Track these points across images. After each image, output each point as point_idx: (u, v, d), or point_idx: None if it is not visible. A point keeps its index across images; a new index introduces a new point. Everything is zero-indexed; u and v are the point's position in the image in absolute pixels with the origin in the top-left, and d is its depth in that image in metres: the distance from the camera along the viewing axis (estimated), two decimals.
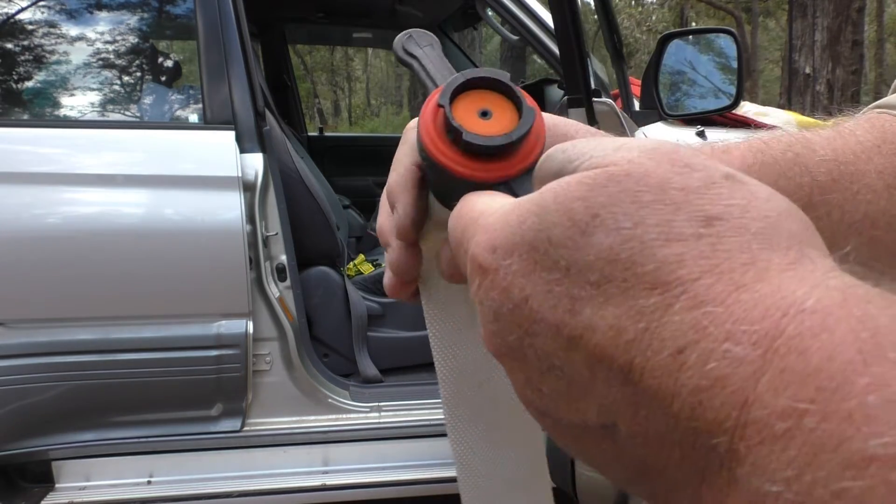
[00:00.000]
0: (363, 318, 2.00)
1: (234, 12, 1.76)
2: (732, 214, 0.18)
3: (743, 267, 0.17)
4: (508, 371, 0.21)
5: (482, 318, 0.22)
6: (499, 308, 0.20)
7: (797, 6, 6.87)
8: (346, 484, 1.74)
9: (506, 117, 0.26)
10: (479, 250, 0.21)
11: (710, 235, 0.17)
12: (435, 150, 0.26)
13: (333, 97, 24.76)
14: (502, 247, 0.20)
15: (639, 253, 0.18)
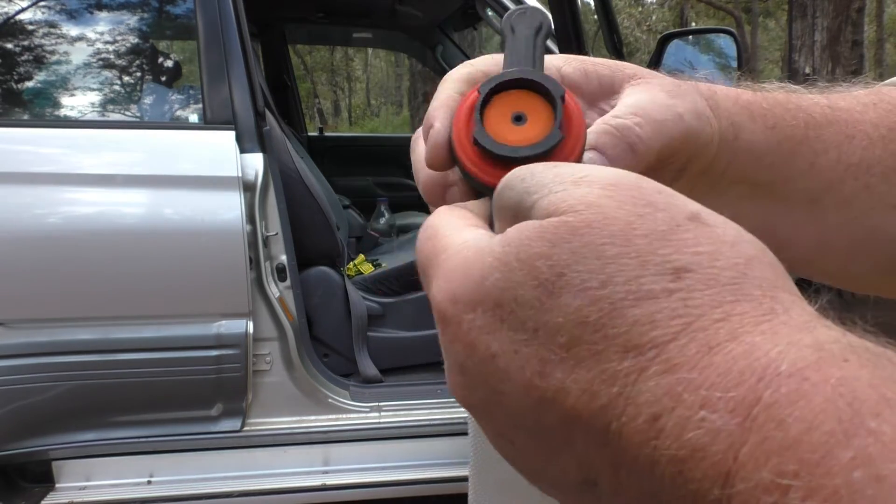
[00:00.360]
0: (363, 318, 2.00)
1: (234, 12, 1.76)
2: (701, 265, 0.17)
3: (716, 325, 0.16)
4: (478, 421, 0.21)
5: (447, 367, 0.21)
6: (464, 361, 0.20)
7: (797, 6, 6.87)
8: (346, 484, 1.74)
9: (538, 126, 0.25)
10: (440, 298, 0.20)
11: (681, 290, 0.17)
12: (459, 147, 0.25)
13: (333, 97, 24.76)
14: (463, 300, 0.20)
15: (608, 314, 0.17)
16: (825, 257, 0.35)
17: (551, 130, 0.24)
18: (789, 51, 7.07)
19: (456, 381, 0.21)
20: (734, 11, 16.14)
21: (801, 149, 0.31)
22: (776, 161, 0.31)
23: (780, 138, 0.31)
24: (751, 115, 0.31)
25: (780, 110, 0.32)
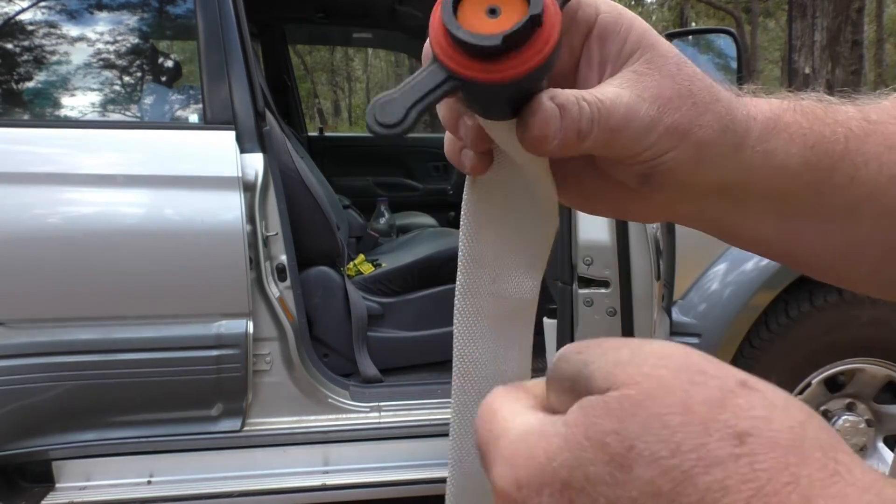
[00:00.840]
0: (363, 318, 2.00)
1: (234, 12, 1.76)
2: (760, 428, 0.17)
3: (786, 488, 0.17)
4: None
5: None
6: None
7: (797, 6, 6.87)
8: (346, 484, 1.74)
9: (512, 18, 0.24)
10: (504, 484, 0.20)
11: (746, 455, 0.17)
12: (436, 43, 0.25)
13: (333, 97, 24.76)
14: (529, 485, 0.20)
15: (681, 483, 0.17)
16: (855, 265, 0.35)
17: (522, 19, 0.24)
18: (789, 51, 7.06)
19: None
20: (734, 11, 16.13)
21: (841, 164, 0.32)
22: (812, 179, 0.31)
23: (820, 156, 0.31)
24: (790, 137, 0.31)
25: (820, 126, 0.31)
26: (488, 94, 0.25)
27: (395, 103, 0.24)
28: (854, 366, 1.89)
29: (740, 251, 1.85)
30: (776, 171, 0.31)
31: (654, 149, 0.28)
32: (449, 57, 0.25)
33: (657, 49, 0.29)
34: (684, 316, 1.87)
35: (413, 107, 0.24)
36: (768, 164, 0.31)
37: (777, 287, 1.82)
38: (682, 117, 0.28)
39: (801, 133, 0.31)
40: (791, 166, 0.31)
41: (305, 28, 3.50)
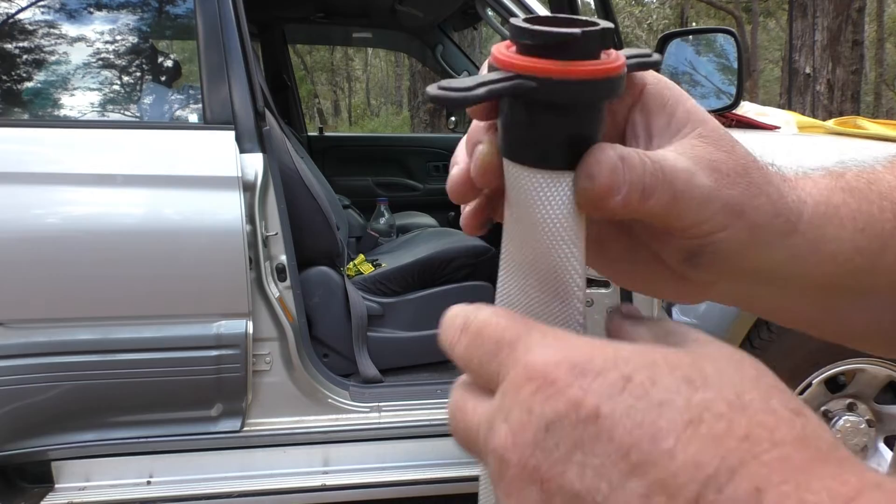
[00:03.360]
0: (363, 318, 2.00)
1: (234, 12, 1.76)
2: None
3: None
4: (514, 488, 0.20)
5: (513, 427, 0.20)
6: (557, 419, 0.20)
7: (797, 6, 6.87)
8: (346, 484, 1.74)
9: None
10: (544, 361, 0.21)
11: None
12: (499, 54, 0.24)
13: (333, 97, 24.76)
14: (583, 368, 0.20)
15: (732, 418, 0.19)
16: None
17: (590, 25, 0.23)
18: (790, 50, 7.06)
19: (526, 440, 0.20)
20: (734, 11, 16.13)
21: (892, 242, 0.30)
22: (864, 264, 0.30)
23: (871, 238, 0.30)
24: (840, 222, 0.30)
25: (867, 206, 0.30)
26: (556, 109, 0.23)
27: (461, 81, 0.22)
28: (854, 366, 1.88)
29: None
30: (826, 257, 0.30)
31: (711, 223, 0.27)
32: (519, 60, 0.23)
33: (708, 124, 0.28)
34: (684, 316, 1.87)
35: (482, 85, 0.22)
36: (819, 251, 0.29)
37: None
38: (739, 195, 0.27)
39: (850, 216, 0.30)
40: (843, 252, 0.30)
41: (305, 28, 3.50)
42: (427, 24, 3.08)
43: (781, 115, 2.55)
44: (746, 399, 0.19)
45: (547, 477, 0.19)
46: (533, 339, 0.22)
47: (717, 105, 1.90)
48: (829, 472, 0.17)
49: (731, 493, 0.17)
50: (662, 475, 0.18)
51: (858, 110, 7.44)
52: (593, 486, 0.19)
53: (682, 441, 0.18)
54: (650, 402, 0.19)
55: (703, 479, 0.18)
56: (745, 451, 0.18)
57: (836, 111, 6.52)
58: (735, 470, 0.17)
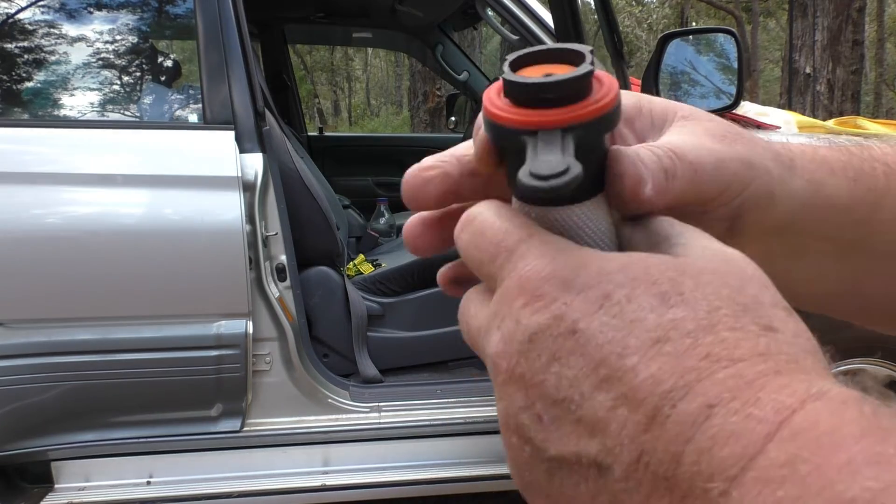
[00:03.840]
0: (363, 318, 2.00)
1: (234, 12, 1.76)
2: None
3: None
4: (505, 392, 0.22)
5: (504, 335, 0.22)
6: (540, 331, 0.21)
7: (797, 6, 6.87)
8: (346, 484, 1.74)
9: None
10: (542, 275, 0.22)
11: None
12: (488, 103, 0.24)
13: (333, 97, 24.77)
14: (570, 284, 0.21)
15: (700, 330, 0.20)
16: None
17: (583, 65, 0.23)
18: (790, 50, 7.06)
19: (511, 349, 0.21)
20: (734, 11, 16.12)
21: (885, 201, 0.31)
22: (861, 216, 0.31)
23: (864, 190, 0.31)
24: (831, 170, 0.31)
25: (857, 161, 0.31)
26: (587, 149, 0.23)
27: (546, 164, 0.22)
28: (854, 366, 1.88)
29: None
30: (828, 205, 0.31)
31: (735, 183, 0.28)
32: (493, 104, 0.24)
33: (685, 107, 0.29)
34: None
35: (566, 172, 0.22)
36: (820, 197, 0.30)
37: None
38: (742, 148, 0.28)
39: (841, 167, 0.31)
40: (841, 199, 0.31)
41: (305, 28, 3.50)
42: (427, 24, 3.08)
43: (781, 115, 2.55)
44: (716, 317, 0.20)
45: (530, 384, 0.21)
46: (529, 248, 0.23)
47: (717, 105, 1.90)
48: (779, 384, 0.18)
49: (684, 408, 0.18)
50: (625, 389, 0.19)
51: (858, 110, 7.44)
52: (568, 396, 0.20)
53: (646, 359, 0.19)
54: (623, 319, 0.20)
55: (660, 393, 0.19)
56: (703, 370, 0.19)
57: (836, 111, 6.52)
58: (690, 387, 0.19)
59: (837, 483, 0.15)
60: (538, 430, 0.21)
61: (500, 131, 0.24)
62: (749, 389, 0.18)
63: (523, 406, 0.21)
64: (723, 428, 0.18)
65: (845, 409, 0.17)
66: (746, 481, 0.17)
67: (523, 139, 0.23)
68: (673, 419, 0.18)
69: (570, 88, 0.23)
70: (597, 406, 0.20)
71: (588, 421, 0.20)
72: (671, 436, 0.18)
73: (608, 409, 0.19)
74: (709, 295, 0.21)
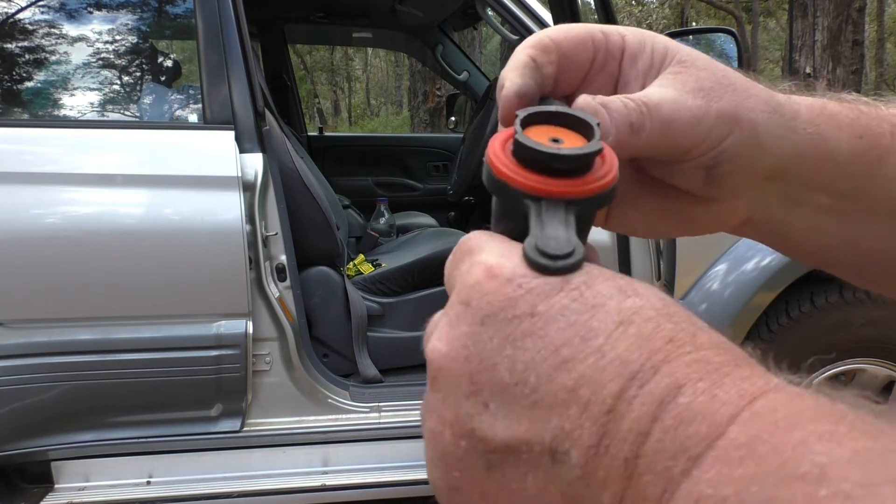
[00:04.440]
0: (363, 318, 2.00)
1: (234, 12, 1.76)
2: None
3: None
4: (444, 381, 0.21)
5: (451, 320, 0.22)
6: (492, 313, 0.21)
7: (798, 6, 6.87)
8: (346, 484, 1.74)
9: (576, 145, 0.25)
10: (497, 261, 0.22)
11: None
12: (494, 157, 0.25)
13: (333, 97, 24.77)
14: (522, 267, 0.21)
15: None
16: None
17: (592, 141, 0.24)
18: (790, 50, 7.06)
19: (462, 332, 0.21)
20: (735, 11, 16.12)
21: (889, 157, 0.32)
22: (861, 169, 0.32)
23: (867, 147, 0.31)
24: (837, 125, 0.31)
25: (866, 119, 0.32)
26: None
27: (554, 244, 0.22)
28: (855, 366, 1.88)
29: (741, 251, 1.85)
30: (827, 157, 0.31)
31: (711, 137, 0.29)
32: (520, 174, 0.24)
33: (683, 51, 0.30)
34: None
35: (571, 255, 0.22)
36: (820, 149, 0.31)
37: (778, 287, 1.82)
38: (727, 102, 0.29)
39: (848, 122, 0.31)
40: (842, 153, 0.31)
41: (305, 28, 3.50)
42: (427, 23, 3.08)
43: None
44: (672, 310, 0.21)
45: (478, 368, 0.20)
46: (490, 245, 0.23)
47: None
48: (742, 374, 0.19)
49: (653, 387, 0.18)
50: (590, 371, 0.19)
51: None
52: (521, 380, 0.20)
53: (612, 340, 0.19)
54: (584, 303, 0.20)
55: (627, 374, 0.19)
56: (670, 352, 0.19)
57: None
58: (658, 368, 0.19)
59: (790, 460, 0.16)
60: (483, 419, 0.20)
61: (505, 189, 0.24)
62: (715, 373, 0.19)
63: (467, 393, 0.20)
64: (689, 407, 0.18)
65: (802, 398, 0.18)
66: (707, 460, 0.17)
67: (527, 203, 0.23)
68: (640, 399, 0.18)
69: (580, 162, 0.24)
70: (556, 388, 0.19)
71: (545, 404, 0.19)
72: (637, 415, 0.18)
73: (569, 390, 0.19)
74: (659, 294, 0.21)
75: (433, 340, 0.22)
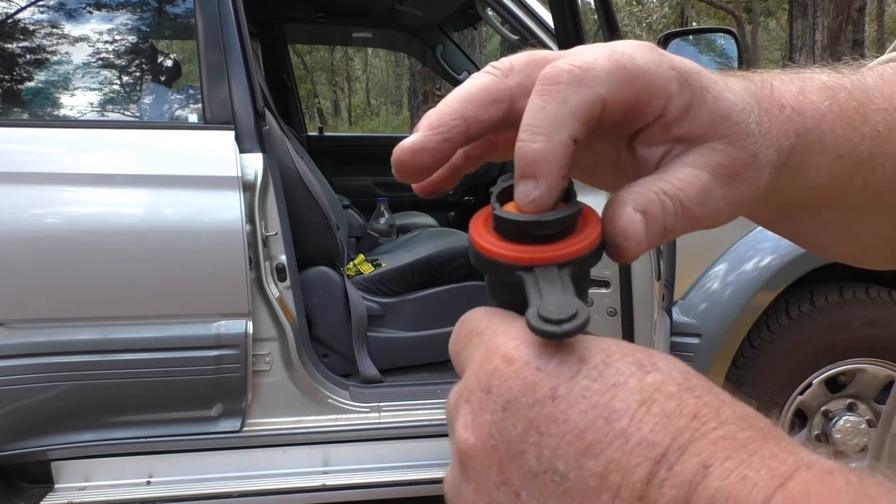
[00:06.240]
0: (363, 318, 2.00)
1: (234, 12, 1.76)
2: None
3: None
4: (474, 472, 0.21)
5: (473, 407, 0.21)
6: (513, 399, 0.20)
7: (798, 6, 6.87)
8: (346, 484, 1.74)
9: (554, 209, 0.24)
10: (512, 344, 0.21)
11: None
12: (478, 237, 0.25)
13: (333, 97, 24.77)
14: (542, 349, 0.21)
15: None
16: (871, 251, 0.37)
17: (570, 201, 0.24)
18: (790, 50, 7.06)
19: (484, 421, 0.21)
20: (735, 11, 16.12)
21: (860, 170, 0.32)
22: (836, 187, 0.32)
23: (845, 166, 0.31)
24: (822, 150, 0.30)
25: (850, 132, 0.31)
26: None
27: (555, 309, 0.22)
28: (854, 366, 1.88)
29: (741, 251, 1.85)
30: (803, 184, 0.31)
31: (721, 217, 0.28)
32: (504, 248, 0.24)
33: (731, 119, 0.27)
34: (685, 316, 1.87)
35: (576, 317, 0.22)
36: (797, 179, 0.31)
37: (777, 287, 1.82)
38: (746, 188, 0.27)
39: (833, 144, 0.31)
40: (818, 181, 0.31)
41: (305, 28, 3.50)
42: (427, 23, 3.08)
43: None
44: (693, 382, 0.20)
45: (505, 457, 0.20)
46: (499, 327, 0.22)
47: None
48: (770, 451, 0.18)
49: (680, 469, 0.18)
50: (617, 455, 0.19)
51: None
52: (550, 466, 0.19)
53: (636, 420, 0.19)
54: (605, 383, 0.20)
55: (655, 457, 0.18)
56: (695, 430, 0.19)
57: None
58: (685, 448, 0.18)
59: None
60: None
61: (495, 266, 0.24)
62: (743, 451, 0.18)
63: (498, 483, 0.20)
64: (720, 489, 0.17)
65: (833, 478, 0.17)
66: None
67: (520, 275, 0.23)
68: (669, 482, 0.18)
69: (563, 225, 0.24)
70: (586, 475, 0.19)
71: (576, 492, 0.19)
72: (668, 500, 0.18)
73: (599, 476, 0.19)
74: (679, 366, 0.21)
75: (460, 430, 0.21)
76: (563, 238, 0.24)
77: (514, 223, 0.24)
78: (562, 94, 0.23)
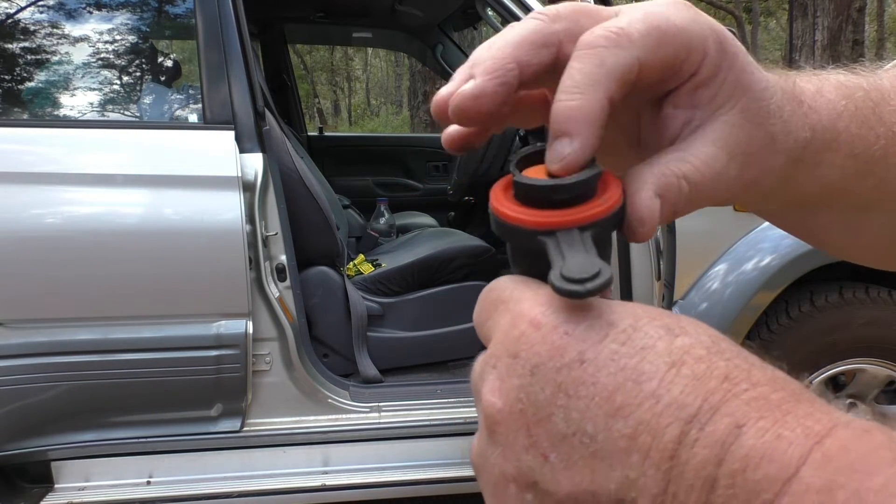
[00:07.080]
0: (363, 318, 2.00)
1: (234, 12, 1.76)
2: None
3: None
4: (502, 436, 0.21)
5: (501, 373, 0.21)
6: (541, 363, 0.20)
7: (798, 6, 6.87)
8: (346, 484, 1.74)
9: None
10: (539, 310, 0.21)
11: None
12: (499, 204, 0.25)
13: (333, 97, 24.76)
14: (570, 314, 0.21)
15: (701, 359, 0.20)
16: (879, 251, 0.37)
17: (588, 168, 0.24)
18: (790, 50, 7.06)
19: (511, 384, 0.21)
20: (735, 11, 16.11)
21: (874, 169, 0.32)
22: (848, 185, 0.32)
23: (859, 164, 0.32)
24: (837, 147, 0.31)
25: (866, 131, 0.31)
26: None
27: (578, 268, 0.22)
28: (854, 366, 1.88)
29: (741, 251, 1.85)
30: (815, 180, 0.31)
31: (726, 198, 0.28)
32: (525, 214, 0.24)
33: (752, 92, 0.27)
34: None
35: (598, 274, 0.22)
36: (810, 174, 0.31)
37: (777, 287, 1.82)
38: (759, 171, 0.28)
39: (848, 142, 0.31)
40: (831, 177, 0.31)
41: (305, 28, 3.50)
42: (427, 23, 3.08)
43: None
44: (723, 346, 0.20)
45: (533, 420, 0.20)
46: (525, 293, 0.23)
47: None
48: (804, 411, 0.18)
49: (713, 429, 0.18)
50: (647, 416, 0.19)
51: None
52: (579, 429, 0.19)
53: (666, 382, 0.19)
54: (633, 346, 0.20)
55: (685, 417, 0.18)
56: (726, 391, 0.19)
57: None
58: (716, 408, 0.18)
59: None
60: (545, 472, 0.20)
61: (517, 232, 0.24)
62: (777, 411, 0.18)
63: (526, 446, 0.20)
64: (754, 448, 0.17)
65: (871, 436, 0.17)
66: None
67: (541, 240, 0.23)
68: (702, 442, 0.18)
69: (583, 189, 0.24)
70: (615, 436, 0.19)
71: (605, 453, 0.19)
72: (701, 459, 0.18)
73: (629, 437, 0.19)
74: (708, 330, 0.21)
75: (486, 395, 0.21)
76: (584, 202, 0.24)
77: (535, 188, 0.24)
78: (599, 56, 0.24)
